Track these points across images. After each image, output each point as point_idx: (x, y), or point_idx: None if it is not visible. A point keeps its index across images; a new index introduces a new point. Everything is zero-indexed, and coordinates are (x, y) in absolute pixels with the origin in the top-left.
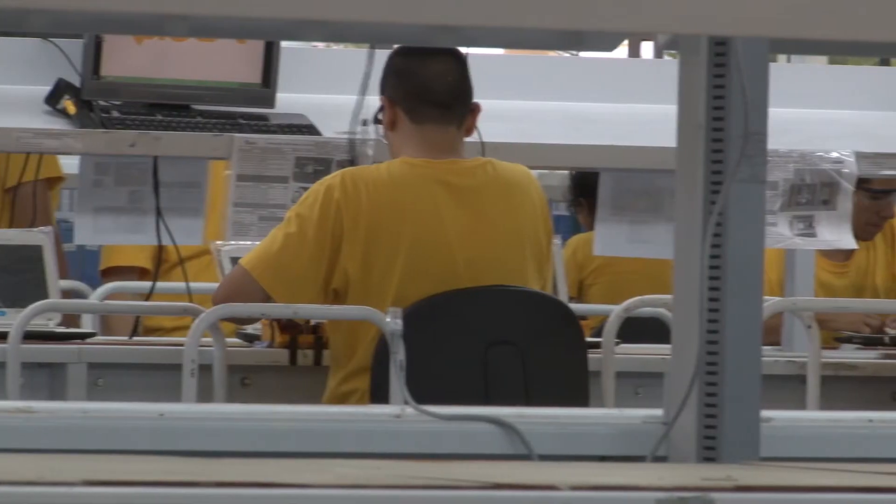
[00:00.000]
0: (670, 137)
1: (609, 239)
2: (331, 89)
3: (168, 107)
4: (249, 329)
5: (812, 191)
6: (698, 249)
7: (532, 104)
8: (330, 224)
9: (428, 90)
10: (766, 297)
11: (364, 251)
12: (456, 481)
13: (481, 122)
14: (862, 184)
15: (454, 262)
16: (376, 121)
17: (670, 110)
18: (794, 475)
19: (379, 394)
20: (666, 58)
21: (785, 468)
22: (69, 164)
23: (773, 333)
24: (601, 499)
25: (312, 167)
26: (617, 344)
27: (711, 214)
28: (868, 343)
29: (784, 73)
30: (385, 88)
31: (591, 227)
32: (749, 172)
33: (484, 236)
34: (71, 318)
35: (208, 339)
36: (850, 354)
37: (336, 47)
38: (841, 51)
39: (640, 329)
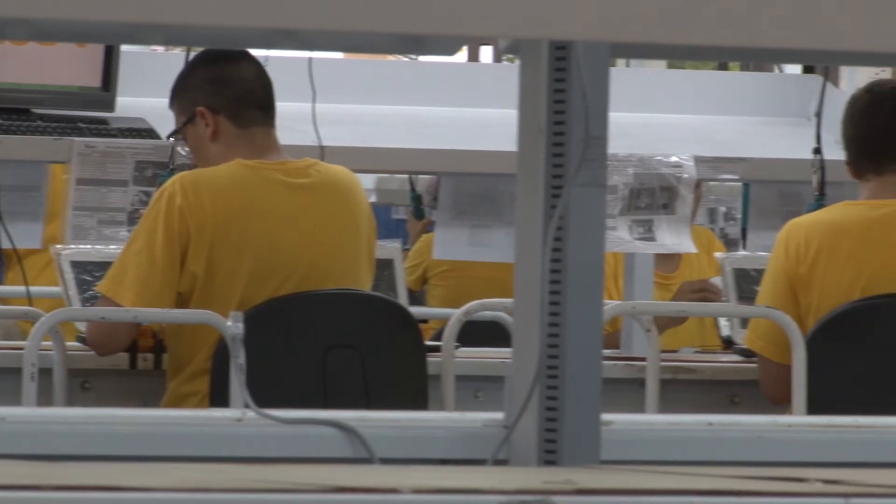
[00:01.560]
0: (510, 141)
1: (449, 242)
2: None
3: (8, 110)
4: None
5: (651, 195)
6: (539, 253)
7: (372, 108)
8: (176, 231)
9: (251, 93)
10: (606, 301)
11: (209, 254)
12: (297, 485)
13: (321, 125)
14: None
15: (298, 264)
16: (177, 137)
17: (510, 114)
18: (634, 478)
19: (219, 396)
20: (504, 62)
21: (625, 471)
22: None
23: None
24: (443, 502)
25: (152, 171)
26: (457, 347)
27: (552, 218)
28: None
29: (623, 77)
30: (199, 101)
31: None
32: (590, 176)
33: (326, 238)
34: None
35: (49, 343)
36: (688, 358)
37: (176, 51)
38: (681, 55)
39: (480, 333)
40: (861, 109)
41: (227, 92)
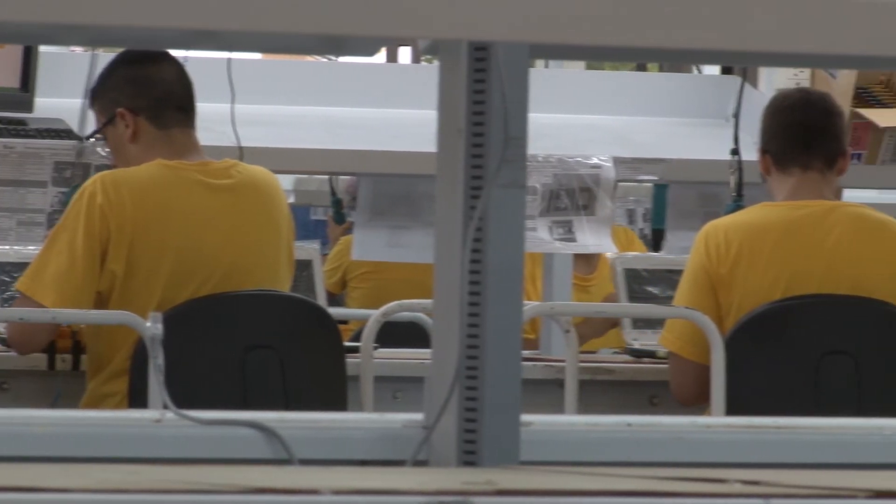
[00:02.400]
0: (430, 142)
1: (368, 243)
2: None
3: None
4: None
5: (571, 196)
6: (459, 254)
7: (290, 109)
8: (97, 230)
9: (172, 95)
10: (525, 302)
11: (129, 253)
12: (217, 486)
13: (240, 126)
14: None
15: (218, 265)
16: (97, 137)
17: (430, 115)
18: (553, 479)
19: (137, 397)
20: (423, 63)
21: (545, 472)
22: None
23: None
24: (363, 503)
25: (71, 172)
26: (376, 348)
27: (472, 219)
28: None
29: (542, 78)
30: (119, 101)
31: None
32: (509, 177)
33: (246, 239)
34: None
35: None
36: (607, 359)
37: (96, 52)
38: (600, 56)
39: (399, 334)
40: (800, 99)
41: (147, 93)
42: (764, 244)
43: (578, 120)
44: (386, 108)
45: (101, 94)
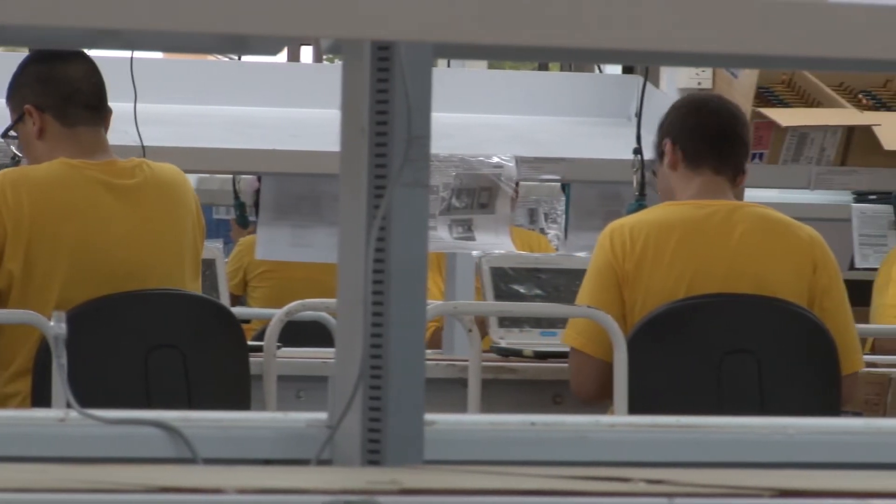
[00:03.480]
0: (332, 142)
1: (271, 243)
2: None
3: None
4: None
5: (471, 195)
6: (362, 253)
7: (193, 108)
8: None
9: (79, 92)
10: (428, 301)
11: (26, 252)
12: (121, 485)
13: (142, 125)
14: None
15: (119, 264)
16: (6, 135)
17: (332, 115)
18: (457, 478)
19: (41, 397)
20: (325, 62)
21: (449, 471)
22: None
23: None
24: (267, 502)
25: None
26: (279, 347)
27: (375, 219)
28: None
29: (444, 78)
30: (27, 98)
31: None
32: (413, 177)
33: (147, 238)
34: None
35: None
36: (510, 358)
37: (1, 51)
38: (502, 55)
39: (301, 333)
40: (722, 107)
41: (53, 90)
42: (668, 242)
43: (480, 119)
44: (288, 107)
45: (13, 91)
